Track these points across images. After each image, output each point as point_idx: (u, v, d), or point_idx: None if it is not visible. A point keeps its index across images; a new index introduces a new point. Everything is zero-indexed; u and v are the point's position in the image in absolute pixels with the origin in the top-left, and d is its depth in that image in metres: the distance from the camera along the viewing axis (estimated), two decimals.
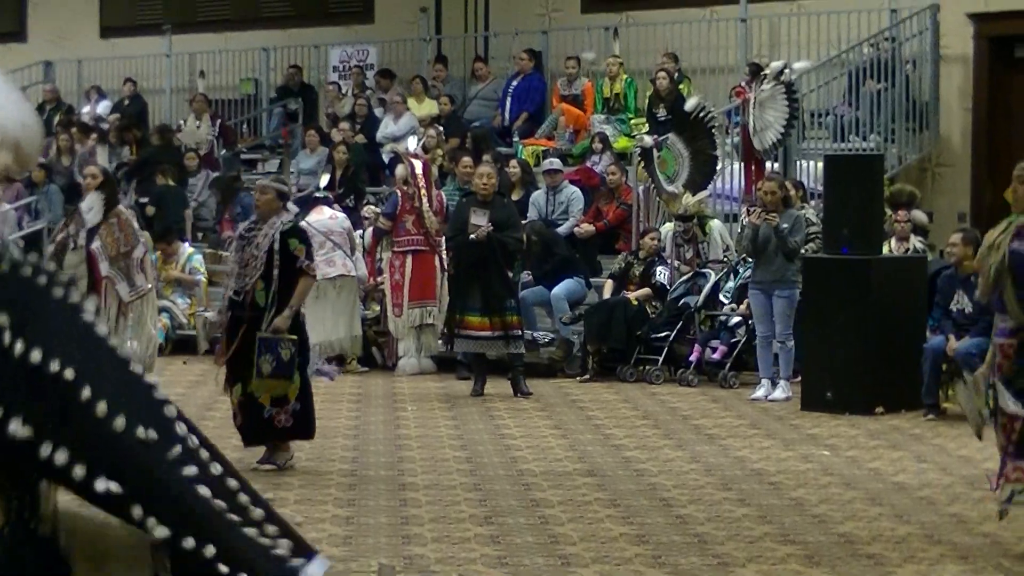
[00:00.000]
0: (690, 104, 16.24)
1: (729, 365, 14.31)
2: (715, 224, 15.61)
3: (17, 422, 2.13)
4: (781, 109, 16.04)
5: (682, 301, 14.79)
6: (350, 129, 19.55)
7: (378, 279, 15.67)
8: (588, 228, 16.44)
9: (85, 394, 2.14)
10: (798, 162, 16.93)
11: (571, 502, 9.16)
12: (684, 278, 14.99)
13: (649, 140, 16.12)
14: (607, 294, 15.30)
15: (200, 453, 2.27)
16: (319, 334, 13.89)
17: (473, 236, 13.51)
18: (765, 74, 16.13)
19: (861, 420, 12.34)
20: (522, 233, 14.28)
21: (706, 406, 13.20)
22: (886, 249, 13.78)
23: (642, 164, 16.19)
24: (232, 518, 2.27)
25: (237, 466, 10.03)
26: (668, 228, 15.60)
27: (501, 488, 9.59)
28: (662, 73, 17.68)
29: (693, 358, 14.50)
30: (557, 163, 16.94)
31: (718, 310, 14.73)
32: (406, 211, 15.07)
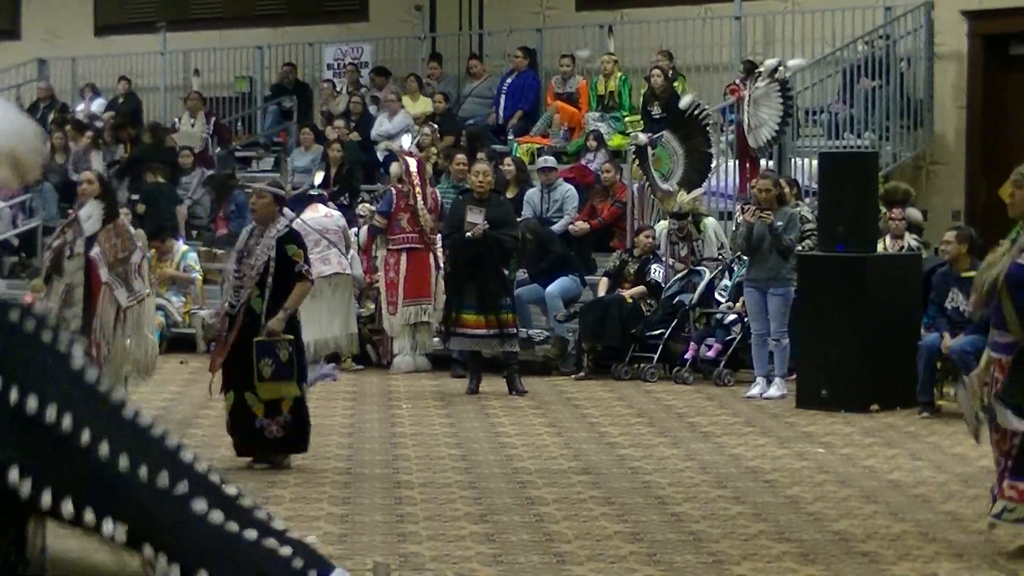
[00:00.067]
0: (685, 102, 16.22)
1: (724, 363, 14.31)
2: (710, 222, 15.60)
3: (15, 470, 2.12)
4: (775, 107, 16.02)
5: (677, 299, 14.79)
6: (345, 127, 19.54)
7: (373, 277, 15.66)
8: (583, 226, 16.44)
9: (84, 438, 2.13)
10: (793, 160, 16.94)
11: (566, 500, 9.16)
12: (679, 276, 15.00)
13: (644, 138, 16.11)
14: (602, 292, 15.30)
15: (211, 476, 2.25)
16: (314, 332, 13.89)
17: (469, 234, 13.50)
18: (759, 72, 16.11)
19: (856, 418, 12.34)
20: (518, 231, 14.28)
21: (701, 404, 13.20)
22: (881, 247, 13.78)
23: (637, 162, 16.17)
24: (248, 535, 2.24)
25: (231, 464, 10.00)
26: (663, 226, 15.59)
27: (496, 486, 9.59)
28: (657, 71, 17.68)
29: (688, 356, 14.50)
30: (552, 161, 16.93)
31: (713, 308, 14.73)
32: (401, 209, 15.06)
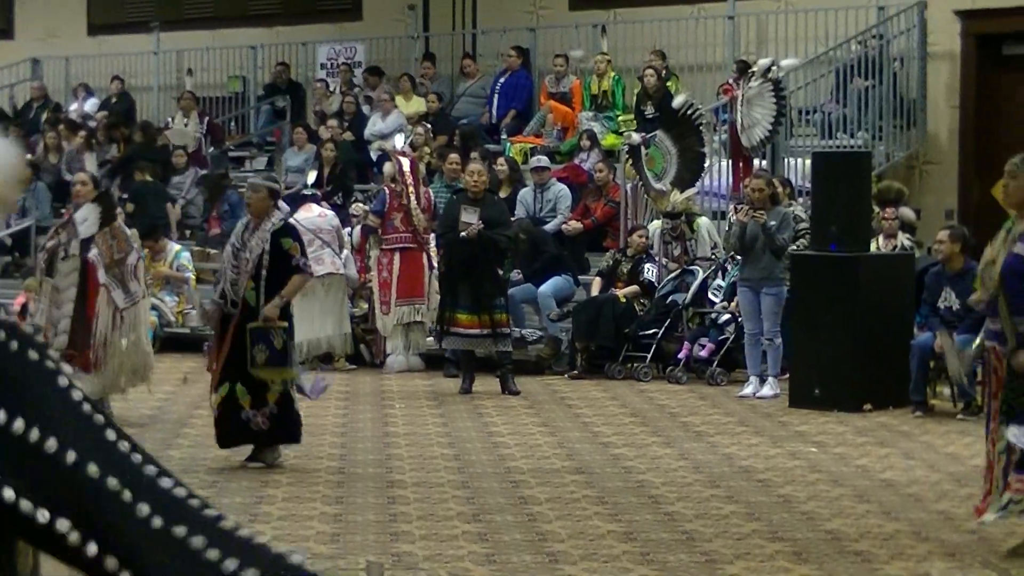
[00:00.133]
0: (678, 101, 16.22)
1: (717, 362, 14.31)
2: (703, 221, 15.61)
3: (9, 490, 2.12)
4: (769, 106, 16.03)
5: (670, 298, 14.80)
6: (338, 127, 19.53)
7: (366, 276, 15.66)
8: (576, 225, 16.43)
9: (71, 458, 2.14)
10: (786, 159, 16.94)
11: (559, 499, 9.16)
12: (672, 275, 15.00)
13: (637, 137, 16.10)
14: (595, 291, 15.29)
15: (192, 500, 2.25)
16: (307, 332, 13.87)
17: (464, 234, 13.49)
18: (753, 71, 16.12)
19: (849, 417, 12.34)
20: (513, 231, 14.27)
21: (694, 403, 13.20)
22: (874, 246, 13.79)
23: (630, 161, 16.17)
24: (239, 535, 2.25)
25: (225, 464, 9.99)
26: (656, 225, 15.60)
27: (489, 485, 9.59)
28: (650, 70, 17.68)
29: (681, 355, 14.50)
30: (545, 161, 16.93)
31: (706, 307, 14.74)
32: (394, 209, 15.05)
